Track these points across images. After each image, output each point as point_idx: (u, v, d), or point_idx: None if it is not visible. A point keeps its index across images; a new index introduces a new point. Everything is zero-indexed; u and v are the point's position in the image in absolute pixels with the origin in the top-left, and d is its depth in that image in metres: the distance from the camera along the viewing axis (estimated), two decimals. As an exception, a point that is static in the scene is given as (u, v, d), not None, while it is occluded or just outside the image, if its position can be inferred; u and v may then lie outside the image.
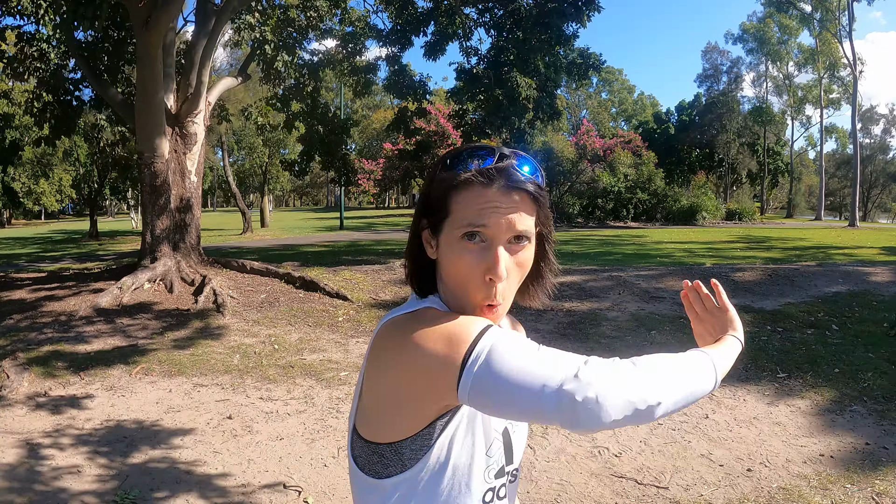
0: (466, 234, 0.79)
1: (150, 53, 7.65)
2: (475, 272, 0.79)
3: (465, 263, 0.79)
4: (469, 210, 0.79)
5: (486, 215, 0.78)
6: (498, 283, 0.79)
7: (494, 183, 0.78)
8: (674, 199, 28.87)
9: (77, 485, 3.14)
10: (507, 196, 0.78)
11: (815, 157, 54.57)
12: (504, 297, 0.81)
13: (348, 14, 12.35)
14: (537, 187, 0.80)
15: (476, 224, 0.78)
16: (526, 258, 0.82)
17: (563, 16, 10.21)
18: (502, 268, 0.78)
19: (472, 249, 0.79)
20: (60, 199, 44.32)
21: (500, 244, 0.78)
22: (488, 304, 0.80)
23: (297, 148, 17.61)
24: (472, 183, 0.79)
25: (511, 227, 0.78)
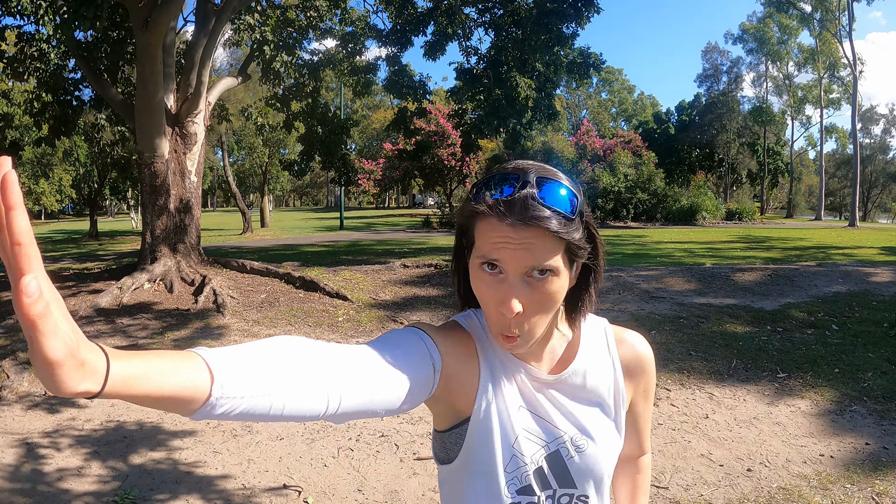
0: (483, 263, 0.77)
1: (150, 53, 7.65)
2: (490, 303, 0.78)
3: (482, 292, 0.79)
4: (484, 242, 0.77)
5: (498, 250, 0.75)
6: (512, 319, 0.76)
7: (508, 217, 0.74)
8: (674, 199, 28.87)
9: (77, 485, 3.14)
10: (520, 232, 0.74)
11: (815, 157, 54.61)
12: (526, 328, 0.78)
13: (348, 14, 12.34)
14: (561, 220, 0.74)
15: (489, 258, 0.76)
16: (551, 291, 0.77)
17: (563, 17, 10.21)
18: (513, 304, 0.75)
19: (488, 281, 0.77)
20: (60, 199, 44.36)
21: (516, 278, 0.76)
22: (502, 333, 0.79)
23: (297, 148, 17.60)
24: (487, 214, 0.76)
25: (525, 263, 0.75)
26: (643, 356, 0.96)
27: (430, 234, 22.32)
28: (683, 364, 5.16)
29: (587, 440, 0.89)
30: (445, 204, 33.90)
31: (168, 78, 8.67)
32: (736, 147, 45.23)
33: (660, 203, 28.75)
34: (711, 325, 6.32)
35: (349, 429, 3.88)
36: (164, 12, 7.43)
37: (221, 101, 12.33)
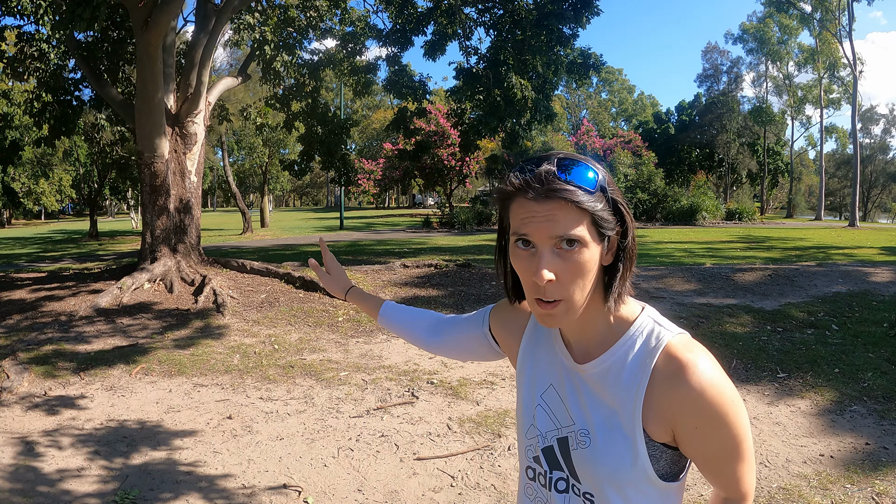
0: (518, 240, 0.85)
1: (150, 53, 7.65)
2: (526, 275, 0.85)
3: (519, 267, 0.86)
4: (515, 220, 0.84)
5: (526, 224, 0.82)
6: (545, 285, 0.82)
7: (530, 192, 0.82)
8: (674, 199, 28.86)
9: (77, 485, 3.14)
10: (543, 204, 0.81)
11: (815, 157, 54.59)
12: (561, 296, 0.84)
13: (348, 14, 12.34)
14: (580, 192, 0.81)
15: (519, 233, 0.84)
16: (580, 261, 0.82)
17: (562, 18, 10.21)
18: (545, 273, 0.81)
19: (523, 256, 0.85)
20: (60, 199, 44.37)
21: (546, 250, 0.82)
22: (537, 298, 0.85)
23: (297, 148, 17.61)
24: (515, 194, 0.84)
25: (550, 234, 0.81)
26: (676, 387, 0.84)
27: (430, 234, 22.31)
28: (683, 364, 5.15)
29: (588, 440, 0.91)
30: (445, 204, 33.88)
31: (168, 78, 8.67)
32: (736, 147, 45.22)
33: (660, 203, 28.75)
34: (711, 325, 6.32)
35: (349, 429, 3.88)
36: (164, 12, 7.43)
37: (221, 101, 12.33)
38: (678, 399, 0.84)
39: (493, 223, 26.69)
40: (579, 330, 0.92)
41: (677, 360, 0.85)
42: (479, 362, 5.27)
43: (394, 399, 4.41)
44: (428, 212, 36.60)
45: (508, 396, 4.43)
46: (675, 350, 0.85)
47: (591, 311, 0.89)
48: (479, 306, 7.47)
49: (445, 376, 4.90)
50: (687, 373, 0.83)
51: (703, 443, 0.86)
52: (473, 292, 8.09)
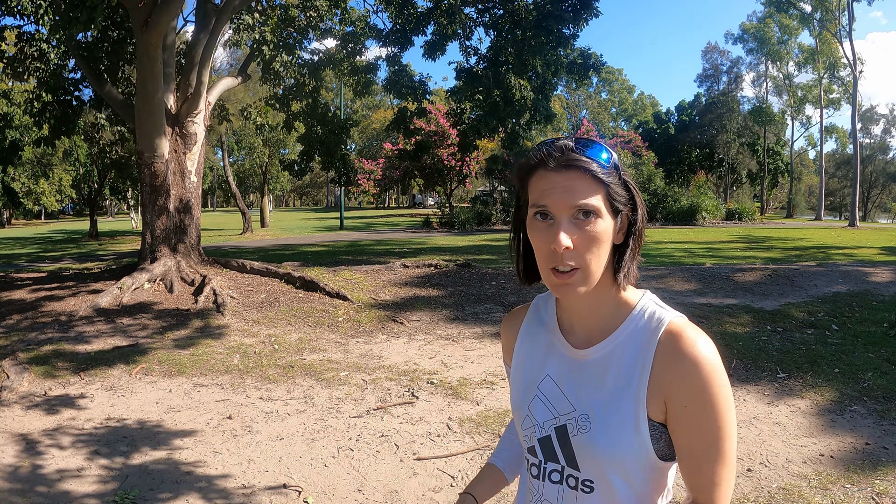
0: (537, 213, 0.89)
1: (150, 53, 7.64)
2: (544, 245, 0.88)
3: (536, 238, 0.89)
4: (535, 192, 0.89)
5: (546, 195, 0.87)
6: (560, 252, 0.86)
7: (551, 163, 0.88)
8: (674, 199, 28.85)
9: (77, 485, 3.14)
10: (562, 174, 0.87)
11: (815, 157, 54.59)
12: (577, 264, 0.87)
13: (348, 14, 12.34)
14: (596, 165, 0.87)
15: (539, 204, 0.88)
16: (597, 231, 0.86)
17: (561, 20, 10.22)
18: (562, 238, 0.85)
19: (541, 227, 0.88)
20: (60, 199, 44.38)
21: (564, 219, 0.86)
22: (552, 266, 0.87)
23: (297, 148, 17.60)
24: (535, 167, 0.90)
25: (569, 203, 0.86)
26: (675, 362, 0.87)
27: (430, 234, 22.31)
28: (683, 364, 5.15)
29: (588, 424, 0.93)
30: (445, 204, 33.88)
31: (168, 78, 8.66)
32: (736, 147, 45.22)
33: (660, 203, 28.74)
34: (711, 325, 6.32)
35: (349, 429, 3.88)
36: (164, 12, 7.43)
37: (221, 101, 12.32)
38: (673, 372, 0.87)
39: (493, 223, 26.70)
40: (587, 313, 0.95)
41: (678, 337, 0.88)
42: (480, 364, 5.28)
43: (394, 399, 4.41)
44: (428, 212, 36.60)
45: (508, 396, 4.43)
46: (676, 328, 0.89)
47: (600, 292, 0.92)
48: (479, 306, 7.46)
49: (445, 376, 4.90)
50: (686, 348, 0.87)
51: (688, 425, 0.87)
52: (473, 292, 8.09)
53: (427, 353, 5.63)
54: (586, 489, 0.94)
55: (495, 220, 26.93)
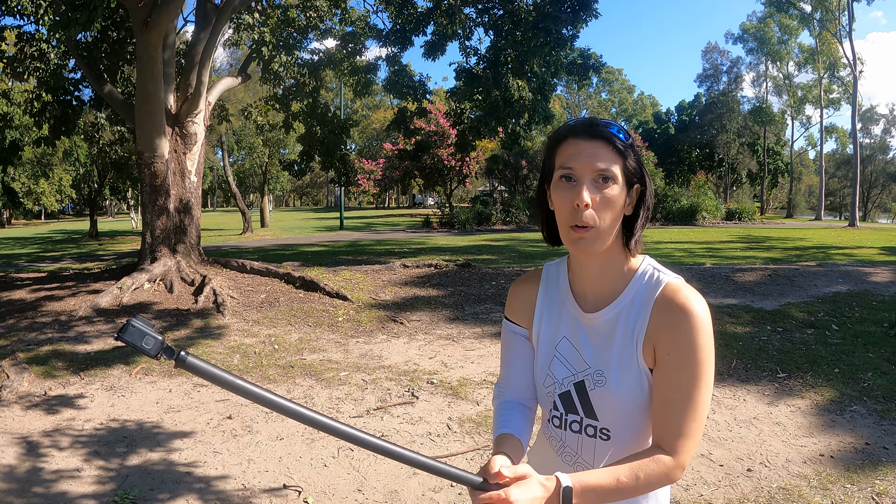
0: (563, 176, 1.01)
1: (150, 53, 7.64)
2: (567, 203, 1.00)
3: (561, 197, 1.01)
4: (563, 156, 1.02)
5: (573, 159, 1.00)
6: (583, 207, 0.97)
7: (580, 135, 1.01)
8: (674, 199, 28.86)
9: (77, 485, 3.14)
10: (588, 143, 1.00)
11: (815, 157, 54.59)
12: (594, 223, 0.98)
13: (348, 14, 12.34)
14: (618, 140, 1.00)
15: (566, 166, 1.00)
16: (612, 195, 0.99)
17: (560, 21, 10.22)
18: (584, 195, 0.97)
19: (566, 187, 1.00)
20: (60, 199, 44.38)
21: (586, 181, 0.99)
22: (574, 224, 0.99)
23: (297, 148, 17.60)
24: (565, 137, 1.03)
25: (592, 167, 0.98)
26: (667, 312, 0.99)
27: (430, 234, 22.31)
28: (683, 364, 5.15)
29: (603, 378, 1.05)
30: (445, 204, 33.88)
31: (168, 78, 8.66)
32: (736, 147, 45.21)
33: (660, 203, 28.73)
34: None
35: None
36: (164, 12, 7.43)
37: (221, 101, 12.32)
38: (665, 322, 0.99)
39: (493, 223, 26.70)
40: (597, 277, 1.07)
41: (674, 294, 1.00)
42: (480, 364, 5.27)
43: (394, 399, 4.41)
44: (428, 212, 36.61)
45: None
46: (673, 287, 1.01)
47: (609, 257, 1.05)
48: (479, 306, 7.46)
49: (445, 376, 4.90)
50: (678, 301, 0.99)
51: (669, 372, 0.98)
52: (473, 292, 8.09)
53: (427, 353, 5.63)
54: (604, 437, 1.07)
55: (495, 220, 26.93)
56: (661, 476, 0.96)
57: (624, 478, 0.96)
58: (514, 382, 1.18)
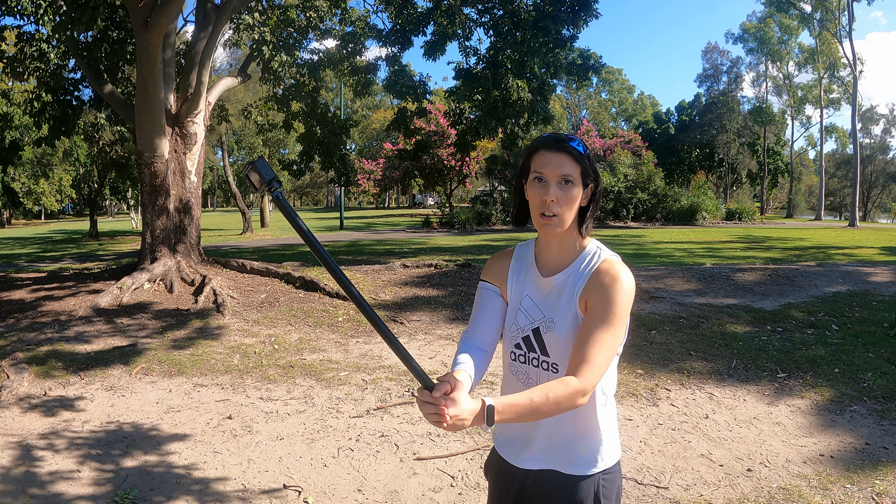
0: (536, 177, 1.35)
1: (150, 53, 7.64)
2: (538, 198, 1.34)
3: (534, 194, 1.35)
4: (536, 164, 1.35)
5: (543, 166, 1.33)
6: (549, 202, 1.32)
7: (549, 148, 1.34)
8: (674, 199, 28.85)
9: (76, 486, 3.14)
10: (555, 154, 1.33)
11: (815, 157, 54.59)
12: (557, 212, 1.32)
13: (348, 14, 12.33)
14: (577, 152, 1.33)
15: (538, 171, 1.34)
16: (572, 194, 1.33)
17: (560, 21, 10.21)
18: (551, 193, 1.32)
19: (538, 186, 1.34)
20: (60, 199, 44.38)
21: (553, 183, 1.32)
22: (542, 212, 1.34)
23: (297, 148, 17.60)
24: (538, 148, 1.36)
25: (558, 173, 1.32)
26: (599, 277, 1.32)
27: (430, 234, 22.31)
28: (683, 364, 5.16)
29: (553, 325, 1.38)
30: (445, 204, 33.87)
31: (168, 78, 8.66)
32: (736, 147, 45.21)
33: (660, 203, 28.73)
34: (711, 325, 6.32)
35: (349, 429, 3.88)
36: (164, 12, 7.43)
37: (221, 101, 12.32)
38: (596, 282, 1.32)
39: (493, 223, 26.70)
40: (556, 252, 1.41)
41: (608, 266, 1.33)
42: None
43: (394, 399, 4.41)
44: (428, 212, 36.60)
45: (508, 396, 4.43)
46: (608, 262, 1.34)
47: (566, 238, 1.39)
48: (479, 306, 7.49)
49: (445, 376, 4.90)
50: (608, 270, 1.32)
51: (589, 316, 1.30)
52: (473, 292, 8.07)
53: (427, 353, 5.63)
54: (554, 370, 1.38)
55: (495, 220, 26.93)
56: (567, 395, 1.20)
57: (536, 397, 1.19)
58: (478, 331, 1.45)
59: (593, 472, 1.36)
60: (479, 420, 1.16)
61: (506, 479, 1.47)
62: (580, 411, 1.32)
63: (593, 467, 1.37)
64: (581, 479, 1.36)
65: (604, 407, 1.39)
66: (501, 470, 1.49)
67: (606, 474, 1.37)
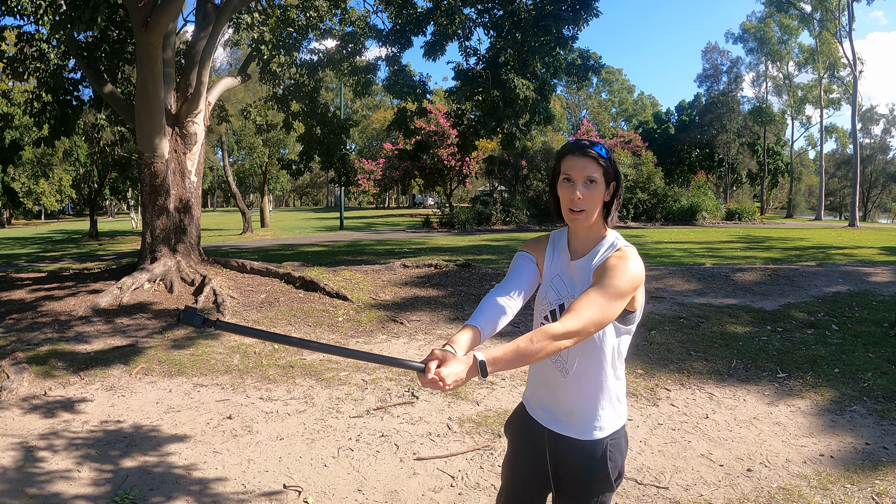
0: (565, 178, 1.57)
1: (150, 53, 7.64)
2: (567, 196, 1.57)
3: (564, 193, 1.58)
4: (565, 167, 1.57)
5: (571, 169, 1.56)
6: (577, 199, 1.54)
7: (576, 153, 1.56)
8: (674, 199, 28.84)
9: (76, 486, 3.14)
10: (581, 159, 1.55)
11: (815, 157, 54.58)
12: (584, 208, 1.55)
13: (348, 14, 12.33)
14: (599, 156, 1.55)
15: (567, 173, 1.57)
16: (596, 192, 1.55)
17: (560, 20, 10.21)
18: (577, 193, 1.54)
19: (567, 186, 1.57)
20: (60, 199, 44.36)
21: (580, 183, 1.55)
22: (570, 208, 1.56)
23: (297, 148, 17.60)
24: (566, 154, 1.58)
25: (584, 174, 1.54)
26: (610, 258, 1.54)
27: (430, 234, 22.31)
28: (683, 364, 5.16)
29: None
30: (445, 204, 33.86)
31: (168, 78, 8.66)
32: (736, 147, 45.21)
33: (660, 203, 28.73)
34: (711, 325, 6.32)
35: (349, 429, 3.88)
36: (164, 12, 7.42)
37: (221, 102, 12.32)
38: (607, 262, 1.53)
39: (493, 223, 26.69)
40: (584, 240, 1.64)
41: (622, 251, 1.56)
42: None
43: (394, 399, 4.41)
44: (428, 212, 36.59)
45: (508, 396, 4.43)
46: (622, 249, 1.57)
47: (592, 228, 1.62)
48: (479, 306, 7.49)
49: (445, 376, 4.90)
50: (622, 255, 1.54)
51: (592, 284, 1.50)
52: (473, 292, 8.09)
53: (427, 353, 5.63)
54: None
55: (495, 220, 26.94)
56: (546, 338, 1.37)
57: (521, 343, 1.37)
58: (510, 288, 1.64)
59: (602, 437, 1.58)
60: (474, 373, 1.36)
61: (535, 435, 1.67)
62: (600, 384, 1.58)
63: (602, 432, 1.59)
64: (594, 444, 1.58)
65: (617, 380, 1.62)
66: (529, 428, 1.70)
67: (613, 439, 1.59)
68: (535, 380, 1.70)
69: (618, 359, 1.60)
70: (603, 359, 1.57)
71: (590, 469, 1.58)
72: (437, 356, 1.35)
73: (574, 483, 1.61)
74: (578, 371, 1.59)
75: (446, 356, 1.35)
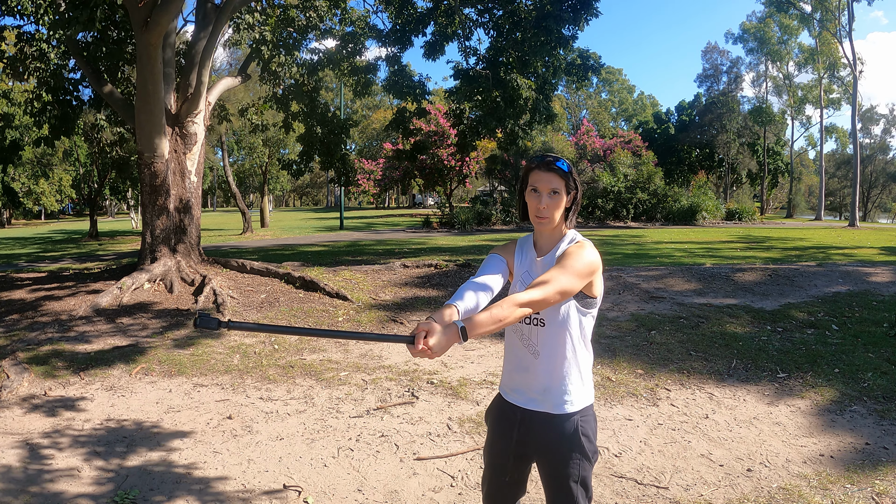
0: (532, 189, 1.79)
1: (150, 53, 7.64)
2: (534, 204, 1.79)
3: (531, 201, 1.80)
4: (533, 179, 1.79)
5: (537, 181, 1.78)
6: (542, 208, 1.77)
7: (541, 168, 1.78)
8: (674, 199, 28.84)
9: (76, 485, 3.14)
10: (546, 173, 1.77)
11: (815, 157, 54.59)
12: (548, 216, 1.78)
13: (348, 14, 12.33)
14: (562, 171, 1.77)
15: (534, 185, 1.79)
16: (558, 201, 1.78)
17: (560, 20, 10.21)
18: (543, 203, 1.77)
19: (534, 196, 1.79)
20: (60, 199, 44.36)
21: (544, 194, 1.77)
22: (537, 215, 1.79)
23: (297, 148, 17.60)
24: (535, 168, 1.80)
25: (548, 186, 1.77)
26: (568, 248, 1.78)
27: (430, 234, 22.31)
28: (683, 364, 5.16)
29: None
30: (445, 204, 33.86)
31: (168, 78, 8.66)
32: (736, 147, 45.21)
33: (660, 203, 28.72)
34: (711, 325, 6.32)
35: (349, 429, 3.88)
36: (164, 12, 7.42)
37: (221, 102, 12.31)
38: (567, 250, 1.77)
39: (493, 223, 26.70)
40: (548, 239, 1.87)
41: (578, 244, 1.80)
42: (480, 364, 5.28)
43: (394, 399, 4.41)
44: (428, 212, 36.58)
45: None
46: (579, 242, 1.81)
47: (555, 230, 1.85)
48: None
49: (445, 376, 4.90)
50: (579, 245, 1.79)
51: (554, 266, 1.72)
52: (473, 292, 8.07)
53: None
54: (542, 325, 1.80)
55: (495, 220, 26.93)
56: (513, 304, 1.59)
57: (495, 309, 1.58)
58: (484, 278, 1.83)
59: (573, 411, 1.79)
60: (455, 338, 1.53)
61: (508, 419, 1.87)
62: (568, 361, 1.80)
63: (573, 406, 1.79)
64: (565, 418, 1.78)
65: (583, 360, 1.83)
66: (502, 414, 1.90)
67: (584, 415, 1.80)
68: (510, 366, 1.90)
69: (583, 339, 1.82)
70: (568, 338, 1.79)
71: (566, 440, 1.78)
72: (423, 328, 1.50)
73: (553, 456, 1.80)
74: (548, 352, 1.80)
75: (431, 326, 1.51)
